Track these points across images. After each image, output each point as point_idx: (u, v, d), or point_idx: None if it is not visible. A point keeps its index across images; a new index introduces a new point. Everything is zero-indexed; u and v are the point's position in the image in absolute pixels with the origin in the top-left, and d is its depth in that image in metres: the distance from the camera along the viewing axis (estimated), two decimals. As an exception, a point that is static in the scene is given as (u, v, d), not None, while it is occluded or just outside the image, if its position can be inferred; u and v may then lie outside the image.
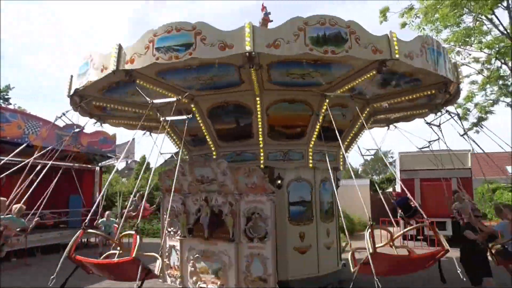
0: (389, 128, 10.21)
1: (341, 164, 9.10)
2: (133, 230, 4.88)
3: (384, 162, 66.20)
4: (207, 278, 7.36)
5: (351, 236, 16.70)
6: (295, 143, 7.96)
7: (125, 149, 18.04)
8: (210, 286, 7.26)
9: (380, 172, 62.08)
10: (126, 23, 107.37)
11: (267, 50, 5.55)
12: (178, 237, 7.94)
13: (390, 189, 27.82)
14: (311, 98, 7.37)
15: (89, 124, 8.96)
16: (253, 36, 5.51)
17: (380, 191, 28.62)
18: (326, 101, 7.17)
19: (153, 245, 14.00)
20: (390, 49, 5.85)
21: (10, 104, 28.53)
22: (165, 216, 8.50)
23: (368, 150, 10.38)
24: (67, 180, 9.19)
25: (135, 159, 27.73)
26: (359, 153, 9.52)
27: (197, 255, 7.52)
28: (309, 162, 7.97)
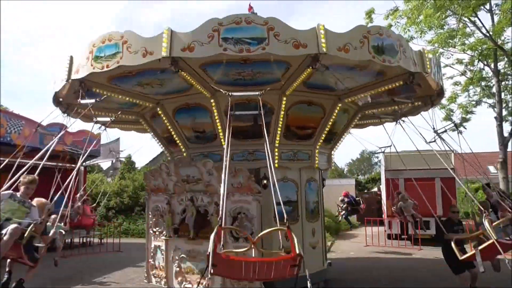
0: (398, 122, 9.96)
1: (328, 164, 9.15)
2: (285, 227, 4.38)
3: (370, 162, 67.21)
4: (192, 278, 7.34)
5: (336, 236, 16.97)
6: (304, 143, 8.13)
7: (111, 148, 17.91)
8: (195, 286, 7.23)
9: (365, 172, 62.78)
10: (110, 22, 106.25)
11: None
12: (164, 237, 7.89)
13: (375, 189, 28.14)
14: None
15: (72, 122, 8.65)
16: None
17: (365, 191, 28.89)
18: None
19: (138, 245, 13.90)
20: (423, 63, 5.53)
21: None
22: (150, 216, 8.45)
23: (380, 148, 10.34)
24: (50, 179, 9.04)
25: (121, 159, 27.39)
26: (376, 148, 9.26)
27: (183, 255, 7.50)
28: (315, 162, 8.22)
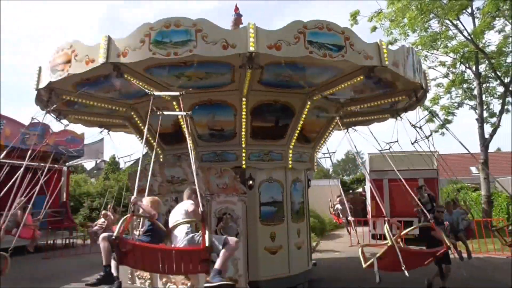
0: (348, 131, 10.22)
1: (313, 164, 9.19)
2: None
3: (355, 162, 67.78)
4: (177, 279, 7.26)
5: (321, 236, 17.05)
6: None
7: (95, 148, 17.66)
8: (180, 287, 7.18)
9: (351, 173, 63.30)
10: (96, 22, 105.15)
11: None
12: (148, 238, 7.80)
13: (360, 189, 28.34)
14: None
15: (54, 121, 8.60)
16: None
17: (350, 191, 29.11)
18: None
19: (122, 246, 13.79)
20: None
21: None
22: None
23: (388, 144, 10.24)
24: (32, 180, 8.86)
25: (104, 159, 27.08)
26: (377, 148, 9.35)
27: (167, 256, 7.42)
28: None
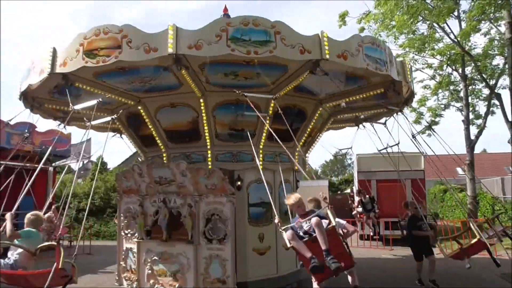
0: (359, 127, 10.32)
1: (301, 165, 9.19)
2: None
3: (343, 163, 68.18)
4: (164, 281, 7.23)
5: (310, 237, 17.06)
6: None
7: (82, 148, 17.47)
8: (167, 289, 7.14)
9: (339, 174, 63.67)
10: (85, 20, 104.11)
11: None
12: (136, 239, 7.75)
13: (348, 190, 28.52)
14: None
15: (43, 122, 8.69)
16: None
17: (338, 192, 29.26)
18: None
19: (109, 247, 13.62)
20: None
21: None
22: (121, 218, 8.29)
23: (341, 150, 10.50)
24: (17, 180, 8.76)
25: (92, 159, 26.81)
26: (330, 153, 9.53)
27: (155, 257, 7.38)
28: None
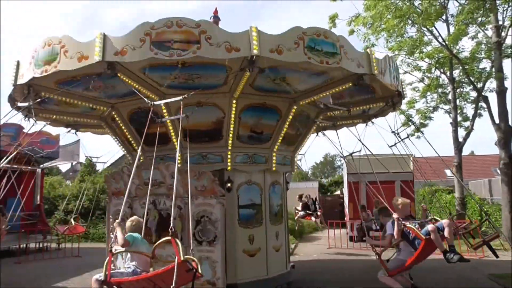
0: (318, 134, 10.44)
1: (292, 167, 9.23)
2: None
3: (333, 165, 68.48)
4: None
5: (299, 238, 17.13)
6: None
7: (71, 150, 17.29)
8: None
9: (329, 175, 63.89)
10: (73, 21, 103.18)
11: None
12: (125, 242, 7.69)
13: (338, 192, 28.66)
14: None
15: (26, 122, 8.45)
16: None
17: (328, 194, 29.32)
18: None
19: (98, 249, 13.49)
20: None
21: None
22: (111, 220, 8.22)
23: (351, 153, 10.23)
24: (4, 182, 8.63)
25: (80, 161, 26.56)
26: (340, 154, 9.45)
27: (144, 260, 7.32)
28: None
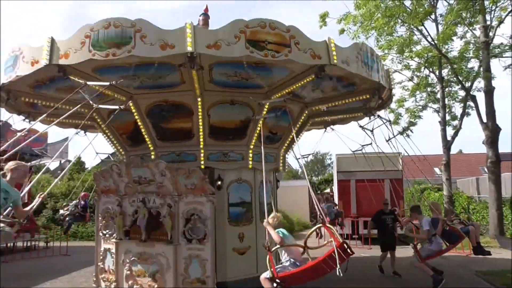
0: (326, 130, 10.60)
1: (281, 165, 9.26)
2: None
3: (323, 163, 68.71)
4: (143, 281, 7.16)
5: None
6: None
7: (59, 148, 17.13)
8: (146, 290, 7.06)
9: (319, 173, 64.14)
10: (58, 19, 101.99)
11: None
12: (114, 240, 7.64)
13: (328, 190, 28.78)
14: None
15: (18, 121, 8.42)
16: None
17: (318, 192, 29.45)
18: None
19: (87, 248, 13.37)
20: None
21: None
22: (99, 218, 8.16)
23: (303, 156, 10.72)
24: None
25: (69, 159, 26.32)
26: (295, 157, 9.77)
27: (134, 258, 7.29)
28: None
